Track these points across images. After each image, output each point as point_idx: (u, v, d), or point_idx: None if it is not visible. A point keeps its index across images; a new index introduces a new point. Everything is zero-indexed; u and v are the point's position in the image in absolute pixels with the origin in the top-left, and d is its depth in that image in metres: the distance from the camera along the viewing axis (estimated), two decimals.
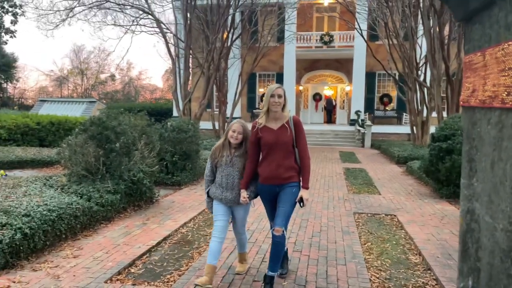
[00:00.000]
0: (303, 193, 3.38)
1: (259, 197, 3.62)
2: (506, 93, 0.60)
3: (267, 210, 3.66)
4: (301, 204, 3.35)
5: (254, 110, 23.39)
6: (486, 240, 0.84)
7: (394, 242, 4.93)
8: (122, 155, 6.07)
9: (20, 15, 22.40)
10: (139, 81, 54.24)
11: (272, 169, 3.38)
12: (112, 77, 50.66)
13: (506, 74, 0.59)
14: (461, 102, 0.77)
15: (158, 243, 4.74)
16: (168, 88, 48.14)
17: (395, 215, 6.19)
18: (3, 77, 31.58)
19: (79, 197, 5.28)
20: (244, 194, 3.48)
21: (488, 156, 0.78)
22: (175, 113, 21.41)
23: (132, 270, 3.96)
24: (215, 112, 16.56)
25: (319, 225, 5.58)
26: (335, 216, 6.11)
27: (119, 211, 5.89)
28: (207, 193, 3.69)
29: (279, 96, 3.36)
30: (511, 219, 0.68)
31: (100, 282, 3.60)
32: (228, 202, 3.57)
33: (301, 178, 3.45)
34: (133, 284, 3.61)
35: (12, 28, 27.46)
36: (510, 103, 0.61)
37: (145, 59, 68.72)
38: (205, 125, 16.66)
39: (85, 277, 3.69)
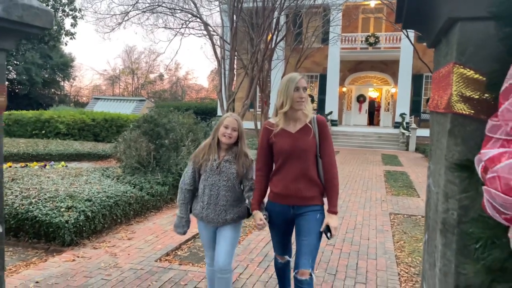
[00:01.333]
0: (330, 219, 2.46)
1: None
2: (439, 101, 0.84)
3: (274, 237, 2.73)
4: (329, 235, 2.46)
5: None
6: (432, 203, 1.10)
7: None
8: (171, 150, 6.58)
9: (79, 18, 24.13)
10: (186, 81, 55.95)
11: (288, 184, 2.49)
12: (161, 76, 52.63)
13: (441, 89, 0.83)
14: (428, 108, 1.04)
15: None
16: (213, 88, 49.32)
17: None
18: (61, 75, 33.84)
19: (133, 187, 5.83)
20: (259, 215, 2.55)
21: (434, 145, 1.05)
22: (219, 113, 22.09)
23: (179, 253, 4.40)
24: (257, 112, 17.00)
25: (354, 223, 5.78)
26: (370, 215, 6.27)
27: (167, 201, 6.39)
28: (182, 207, 2.80)
29: (304, 89, 2.48)
30: (440, 187, 0.94)
31: (151, 261, 4.06)
32: (210, 222, 2.71)
33: (326, 199, 2.56)
34: (180, 264, 4.04)
35: (72, 30, 29.46)
36: (441, 108, 0.85)
37: (192, 59, 70.70)
38: (247, 124, 17.12)
39: (138, 256, 4.17)
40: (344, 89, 24.20)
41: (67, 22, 23.41)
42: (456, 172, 0.88)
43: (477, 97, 0.72)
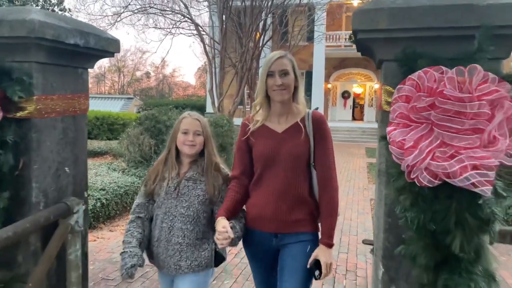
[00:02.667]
0: (321, 253, 1.74)
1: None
2: (379, 104, 1.44)
3: (255, 276, 1.99)
4: (317, 274, 1.74)
5: None
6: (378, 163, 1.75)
7: None
8: None
9: None
10: (173, 78, 56.10)
11: (268, 203, 1.79)
12: (147, 74, 52.75)
13: (383, 95, 1.42)
14: (377, 108, 1.64)
15: None
16: (200, 85, 49.68)
17: None
18: None
19: (138, 178, 6.41)
20: (223, 222, 1.71)
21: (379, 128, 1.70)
22: (208, 109, 22.63)
23: None
24: (246, 109, 17.62)
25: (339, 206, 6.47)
26: (353, 201, 6.97)
27: None
28: (126, 239, 1.87)
29: (284, 74, 1.77)
30: (379, 149, 1.59)
31: None
32: (161, 267, 1.93)
33: (319, 224, 1.84)
34: None
35: None
36: (378, 107, 1.46)
37: (179, 57, 70.87)
38: (237, 121, 17.72)
39: None
40: (329, 86, 24.96)
41: None
42: (382, 141, 1.51)
43: (389, 99, 1.34)
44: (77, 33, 1.80)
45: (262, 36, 15.03)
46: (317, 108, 1.97)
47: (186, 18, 13.79)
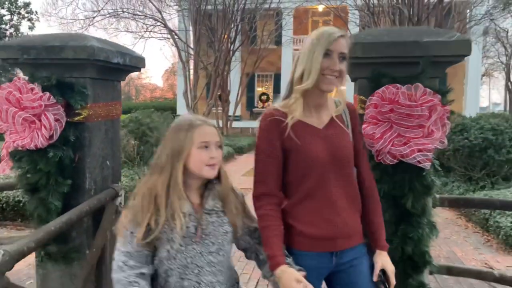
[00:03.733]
0: (384, 260, 1.53)
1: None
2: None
3: None
4: (386, 286, 1.51)
5: (253, 109, 24.94)
6: None
7: None
8: (155, 146, 7.58)
9: (35, 21, 24.08)
10: (139, 80, 55.55)
11: (332, 218, 1.48)
12: None
13: (358, 102, 1.97)
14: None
15: None
16: (168, 88, 49.55)
17: None
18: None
19: (125, 177, 6.79)
20: (294, 274, 1.35)
21: None
22: (179, 112, 22.90)
23: None
24: (219, 111, 18.08)
25: None
26: None
27: None
28: None
29: (343, 58, 1.48)
30: None
31: None
32: None
33: (368, 230, 1.59)
34: None
35: (31, 33, 28.84)
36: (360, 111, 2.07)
37: (146, 59, 69.97)
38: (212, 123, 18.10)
39: None
40: None
41: (24, 24, 23.35)
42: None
43: (363, 105, 1.91)
44: (119, 54, 2.28)
45: (234, 41, 15.56)
46: None
47: (159, 23, 14.12)
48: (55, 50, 2.08)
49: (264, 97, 25.50)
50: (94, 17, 13.57)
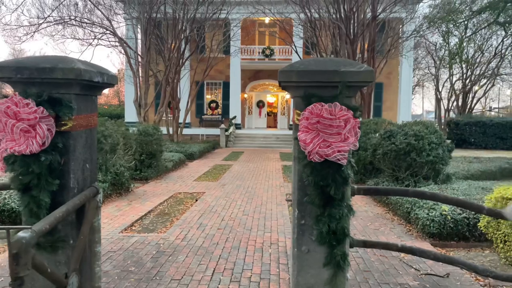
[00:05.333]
0: None
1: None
2: (293, 119, 2.58)
3: None
4: None
5: (203, 116, 25.30)
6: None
7: None
8: (109, 153, 7.81)
9: None
10: None
11: None
12: None
13: (293, 114, 2.57)
14: (292, 121, 2.81)
15: (145, 214, 6.60)
16: (114, 94, 48.42)
17: None
18: None
19: None
20: None
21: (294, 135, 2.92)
22: (127, 119, 22.74)
23: (134, 228, 5.82)
24: (169, 118, 18.28)
25: (261, 201, 7.71)
26: (272, 196, 8.27)
27: (107, 196, 7.62)
28: None
29: None
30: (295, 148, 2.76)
31: (116, 233, 5.44)
32: None
33: None
34: (138, 233, 5.48)
35: None
36: (293, 121, 2.63)
37: None
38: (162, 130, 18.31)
39: (104, 231, 5.50)
40: (246, 95, 26.55)
41: None
42: (295, 140, 2.68)
43: (298, 117, 2.51)
44: (99, 74, 2.72)
45: (184, 50, 15.93)
46: (235, 117, 2.49)
47: (108, 31, 14.17)
48: (45, 71, 2.49)
49: (213, 105, 25.97)
50: (40, 24, 13.34)
